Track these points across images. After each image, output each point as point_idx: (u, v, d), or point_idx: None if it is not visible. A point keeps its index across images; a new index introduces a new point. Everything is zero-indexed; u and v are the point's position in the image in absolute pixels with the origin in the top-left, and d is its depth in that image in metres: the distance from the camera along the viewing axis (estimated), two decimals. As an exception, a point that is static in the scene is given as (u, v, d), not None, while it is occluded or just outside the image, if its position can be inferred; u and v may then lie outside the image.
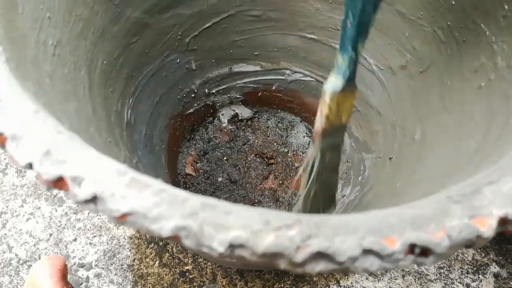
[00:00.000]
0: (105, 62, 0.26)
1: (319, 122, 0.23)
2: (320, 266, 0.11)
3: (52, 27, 0.21)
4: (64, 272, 0.27)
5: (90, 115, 0.22)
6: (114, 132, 0.25)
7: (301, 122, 0.41)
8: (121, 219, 0.12)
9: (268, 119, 0.41)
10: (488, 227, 0.12)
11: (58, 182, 0.12)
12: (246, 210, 0.12)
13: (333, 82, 0.21)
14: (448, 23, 0.25)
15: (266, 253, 0.11)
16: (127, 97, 0.30)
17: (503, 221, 0.12)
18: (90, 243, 0.35)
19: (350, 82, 0.21)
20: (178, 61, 0.35)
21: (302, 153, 0.40)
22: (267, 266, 0.17)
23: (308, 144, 0.40)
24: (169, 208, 0.12)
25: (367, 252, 0.11)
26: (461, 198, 0.13)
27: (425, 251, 0.12)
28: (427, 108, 0.26)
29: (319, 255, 0.11)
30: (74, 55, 0.23)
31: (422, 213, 0.12)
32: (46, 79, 0.19)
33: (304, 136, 0.40)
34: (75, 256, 0.35)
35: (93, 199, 0.12)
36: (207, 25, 0.34)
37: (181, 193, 0.12)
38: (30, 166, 0.12)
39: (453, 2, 0.25)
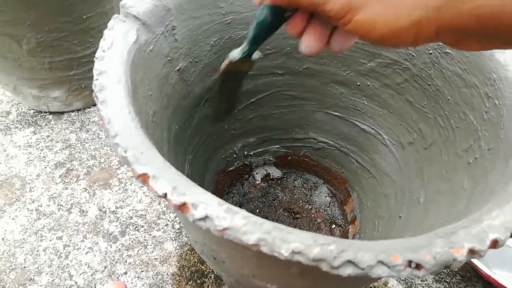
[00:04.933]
0: (177, 126, 0.34)
1: (222, 65, 0.32)
2: (349, 270, 0.17)
3: (151, 101, 0.29)
4: (126, 295, 0.32)
5: (169, 167, 0.29)
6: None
7: (323, 184, 0.48)
8: (222, 231, 0.18)
9: (295, 180, 0.48)
10: (461, 254, 0.18)
11: (182, 206, 0.19)
12: (302, 232, 0.18)
13: (235, 53, 0.31)
14: (446, 112, 0.33)
15: (315, 259, 0.17)
16: (188, 154, 0.37)
17: (471, 252, 0.18)
18: (138, 277, 0.41)
19: (246, 58, 0.31)
20: (226, 127, 0.43)
21: (324, 211, 0.46)
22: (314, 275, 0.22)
23: (329, 203, 0.47)
24: (252, 227, 0.18)
25: (380, 263, 0.17)
26: (444, 235, 0.19)
27: (418, 266, 0.18)
28: (430, 177, 0.33)
29: (349, 262, 0.17)
30: (161, 122, 0.31)
31: (418, 243, 0.19)
32: (150, 140, 0.26)
33: (326, 196, 0.47)
34: None
35: (204, 218, 0.18)
36: (251, 101, 0.42)
37: (259, 219, 0.18)
38: (165, 195, 0.19)
39: (449, 98, 0.32)
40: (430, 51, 0.33)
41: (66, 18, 0.42)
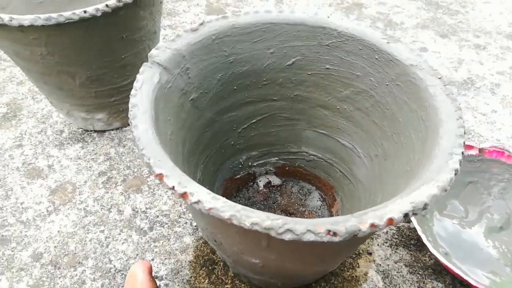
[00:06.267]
0: (191, 143, 0.45)
1: None
2: (289, 236, 0.27)
3: (170, 124, 0.40)
4: (150, 270, 0.43)
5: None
6: (192, 184, 0.42)
7: (315, 190, 0.57)
8: (208, 210, 0.28)
9: (293, 187, 0.57)
10: (364, 227, 0.27)
11: (184, 194, 0.29)
12: (261, 212, 0.28)
13: None
14: (398, 131, 0.41)
15: (266, 227, 0.27)
16: (200, 164, 0.48)
17: (372, 225, 0.27)
18: (163, 263, 0.51)
19: None
20: (232, 143, 0.53)
21: (315, 212, 0.54)
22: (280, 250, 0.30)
23: (320, 206, 0.55)
24: (228, 208, 0.28)
25: (308, 231, 0.27)
26: (358, 215, 0.28)
27: (335, 234, 0.27)
28: (385, 182, 0.41)
29: (288, 230, 0.27)
30: (177, 139, 0.41)
31: (338, 219, 0.28)
32: (168, 152, 0.36)
33: (317, 200, 0.56)
34: (152, 271, 0.50)
35: (197, 202, 0.28)
36: (253, 121, 0.52)
37: (233, 203, 0.28)
38: (173, 187, 0.29)
39: (400, 119, 0.41)
40: (387, 83, 0.42)
41: (109, 58, 0.54)
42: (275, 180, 0.58)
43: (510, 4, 1.01)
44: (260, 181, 0.57)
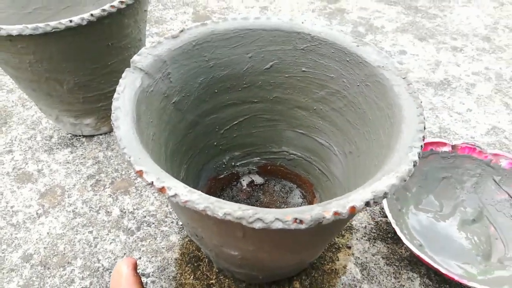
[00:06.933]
0: (173, 144, 0.47)
1: None
2: (259, 224, 0.29)
3: (152, 126, 0.42)
4: (135, 266, 0.44)
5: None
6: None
7: (296, 188, 0.59)
8: (184, 203, 0.30)
9: (275, 185, 0.60)
10: (328, 214, 0.29)
11: (162, 189, 0.31)
12: (233, 203, 0.30)
13: None
14: (369, 129, 0.44)
15: (238, 217, 0.29)
16: (183, 164, 0.50)
17: (335, 213, 0.29)
18: (149, 261, 0.53)
19: None
20: (215, 144, 0.55)
21: (296, 209, 0.57)
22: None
23: (301, 203, 0.58)
24: (202, 200, 0.30)
25: (277, 219, 0.29)
26: (323, 205, 0.30)
27: (301, 221, 0.29)
28: (358, 177, 0.44)
29: (258, 219, 0.29)
30: (160, 140, 0.43)
31: (304, 209, 0.30)
32: (150, 151, 0.39)
33: (298, 198, 0.58)
34: (139, 268, 0.52)
35: (174, 195, 0.30)
36: (235, 123, 0.55)
37: (207, 196, 0.30)
38: (152, 183, 0.31)
39: (370, 117, 0.44)
40: (358, 84, 0.45)
41: (95, 65, 0.56)
42: (258, 179, 0.60)
43: (487, 7, 1.05)
44: (243, 180, 0.60)
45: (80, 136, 0.70)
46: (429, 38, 0.94)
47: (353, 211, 0.30)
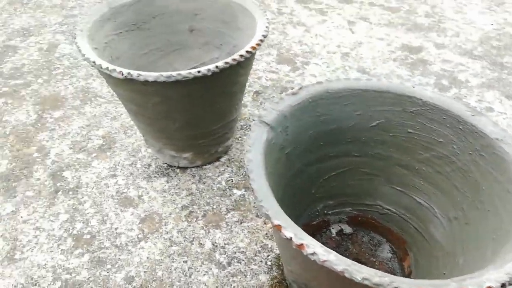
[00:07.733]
0: (282, 192, 0.50)
1: None
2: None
3: (272, 175, 0.45)
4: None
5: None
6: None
7: (386, 242, 0.60)
8: (323, 262, 0.32)
9: (363, 236, 0.61)
10: (465, 292, 0.30)
11: (300, 246, 0.33)
12: (369, 268, 0.32)
13: None
14: (481, 199, 0.44)
15: (376, 283, 0.31)
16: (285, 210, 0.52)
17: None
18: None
19: None
20: (313, 191, 0.57)
21: (386, 264, 0.57)
22: None
23: (390, 258, 0.58)
24: (340, 261, 0.32)
25: (414, 290, 0.30)
26: (457, 281, 0.31)
27: (437, 296, 0.30)
28: (468, 246, 0.44)
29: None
30: (273, 187, 0.46)
31: (438, 283, 0.31)
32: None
33: (387, 252, 0.58)
34: None
35: (313, 254, 0.33)
36: (334, 173, 0.57)
37: (344, 257, 0.32)
38: (290, 238, 0.34)
39: (483, 188, 0.44)
40: (470, 152, 0.46)
41: (207, 108, 0.62)
42: (347, 229, 0.61)
43: None
44: (333, 228, 0.61)
45: (175, 167, 0.75)
46: (517, 96, 0.92)
47: (488, 291, 0.31)
